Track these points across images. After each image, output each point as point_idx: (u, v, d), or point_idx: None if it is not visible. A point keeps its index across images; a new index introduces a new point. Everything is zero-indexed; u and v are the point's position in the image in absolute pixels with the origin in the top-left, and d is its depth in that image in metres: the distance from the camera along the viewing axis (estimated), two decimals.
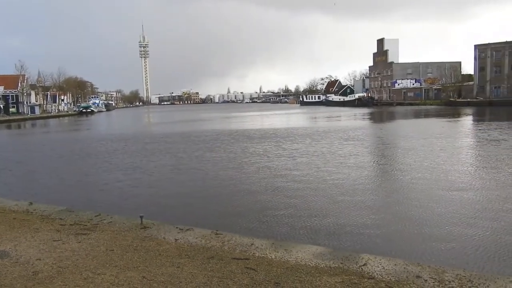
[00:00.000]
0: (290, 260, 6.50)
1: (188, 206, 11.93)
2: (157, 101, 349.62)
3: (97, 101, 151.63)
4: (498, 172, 15.02)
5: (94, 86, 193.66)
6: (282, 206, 11.37)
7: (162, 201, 12.66)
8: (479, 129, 32.83)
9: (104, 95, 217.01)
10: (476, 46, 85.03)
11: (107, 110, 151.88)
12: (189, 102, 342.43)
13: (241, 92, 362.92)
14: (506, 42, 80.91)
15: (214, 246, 7.30)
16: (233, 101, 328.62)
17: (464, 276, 5.75)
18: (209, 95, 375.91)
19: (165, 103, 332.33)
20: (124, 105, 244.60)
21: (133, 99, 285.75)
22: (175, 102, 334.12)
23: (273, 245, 7.33)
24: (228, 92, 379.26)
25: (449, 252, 7.85)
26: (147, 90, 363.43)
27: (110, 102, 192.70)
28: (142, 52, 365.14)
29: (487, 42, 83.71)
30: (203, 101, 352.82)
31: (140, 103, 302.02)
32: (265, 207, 11.36)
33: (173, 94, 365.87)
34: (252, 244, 7.40)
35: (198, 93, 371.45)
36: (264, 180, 15.12)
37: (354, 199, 11.86)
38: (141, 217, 8.82)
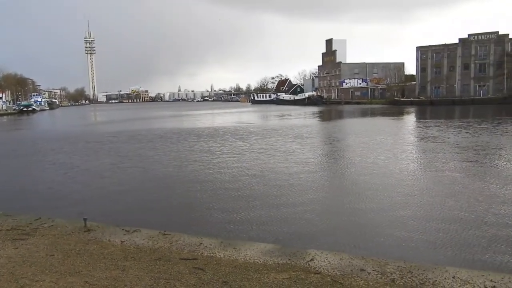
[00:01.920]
0: (239, 259, 6.50)
1: (128, 204, 11.69)
2: (104, 99, 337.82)
3: (39, 99, 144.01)
4: (435, 167, 15.85)
5: (36, 84, 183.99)
6: (216, 202, 11.48)
7: (101, 201, 12.30)
8: (420, 127, 34.50)
9: (47, 93, 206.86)
10: (418, 48, 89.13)
11: (50, 109, 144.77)
12: (138, 100, 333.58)
13: (192, 91, 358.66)
14: (445, 45, 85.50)
15: (162, 247, 7.17)
16: (184, 100, 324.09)
17: (405, 268, 6.00)
18: (159, 93, 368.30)
19: (113, 101, 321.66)
20: (69, 104, 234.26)
21: (78, 97, 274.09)
22: (124, 101, 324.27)
23: (222, 244, 7.30)
24: (179, 90, 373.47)
25: (388, 244, 8.17)
26: (93, 88, 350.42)
27: (53, 100, 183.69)
28: (88, 49, 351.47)
29: (428, 45, 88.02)
30: (153, 100, 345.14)
31: (86, 101, 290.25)
32: (198, 203, 11.45)
33: (122, 92, 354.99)
34: (201, 243, 7.34)
35: (147, 91, 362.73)
36: (202, 176, 15.30)
37: (295, 193, 12.10)
38: (85, 219, 8.49)
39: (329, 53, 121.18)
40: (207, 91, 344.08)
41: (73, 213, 10.45)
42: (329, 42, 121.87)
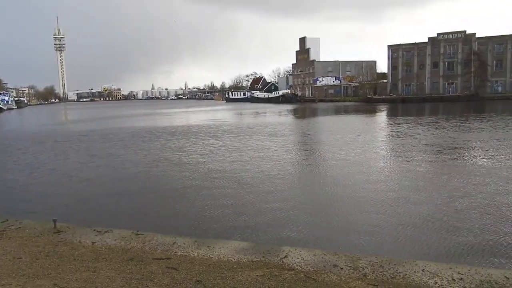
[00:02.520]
0: (213, 257, 6.48)
1: (97, 204, 11.50)
2: (75, 97, 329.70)
3: (6, 98, 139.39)
4: (403, 163, 16.22)
5: (2, 82, 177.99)
6: (185, 200, 11.45)
7: (68, 201, 12.02)
8: (391, 124, 35.18)
9: (14, 91, 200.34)
10: (389, 47, 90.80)
11: (18, 108, 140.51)
12: (110, 98, 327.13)
13: (166, 89, 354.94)
14: (415, 43, 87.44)
15: (134, 247, 7.06)
16: (157, 98, 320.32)
17: (376, 262, 6.11)
18: (132, 92, 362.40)
19: (84, 99, 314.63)
20: (38, 102, 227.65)
21: (48, 96, 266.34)
22: (95, 99, 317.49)
23: (196, 242, 7.25)
24: (152, 88, 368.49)
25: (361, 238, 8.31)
26: (63, 86, 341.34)
27: (21, 99, 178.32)
28: (58, 46, 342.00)
29: (399, 43, 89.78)
30: (126, 98, 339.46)
31: (56, 100, 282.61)
32: (166, 202, 11.41)
33: (93, 91, 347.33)
34: (174, 243, 7.27)
35: (120, 89, 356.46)
36: (172, 174, 15.28)
37: (267, 188, 12.16)
38: (54, 220, 8.28)
39: (303, 51, 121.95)
40: (181, 89, 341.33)
41: (40, 214, 10.21)
42: (302, 40, 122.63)
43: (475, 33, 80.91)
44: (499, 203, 10.27)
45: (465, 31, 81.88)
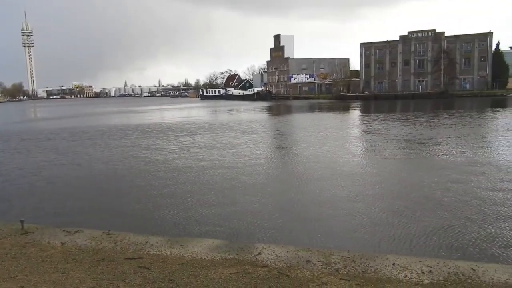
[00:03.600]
0: (186, 256, 6.43)
1: (61, 203, 11.28)
2: (45, 95, 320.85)
3: None
4: (372, 158, 16.51)
5: None
6: (149, 198, 11.36)
7: (32, 200, 11.74)
8: (364, 121, 35.74)
9: None
10: (362, 45, 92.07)
11: None
12: (82, 96, 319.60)
13: (139, 86, 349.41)
14: (387, 42, 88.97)
15: (106, 247, 6.94)
16: (130, 95, 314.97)
17: (348, 257, 6.20)
18: (104, 89, 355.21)
19: (54, 97, 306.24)
20: (6, 100, 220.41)
21: (16, 93, 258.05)
22: (66, 96, 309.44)
23: (169, 241, 7.18)
24: (125, 85, 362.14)
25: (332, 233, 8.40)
26: (32, 83, 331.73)
27: None
28: (26, 41, 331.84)
29: (371, 41, 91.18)
30: (98, 95, 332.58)
31: (25, 97, 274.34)
32: (130, 201, 11.29)
33: (64, 88, 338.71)
34: (147, 242, 7.18)
35: (92, 86, 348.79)
36: (138, 172, 15.20)
37: (236, 184, 12.17)
38: (22, 221, 8.04)
39: (277, 49, 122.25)
40: (155, 86, 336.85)
41: (5, 215, 9.88)
42: (277, 38, 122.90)
43: (444, 32, 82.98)
44: (452, 195, 10.58)
45: (434, 30, 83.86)
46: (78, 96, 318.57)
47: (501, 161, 15.13)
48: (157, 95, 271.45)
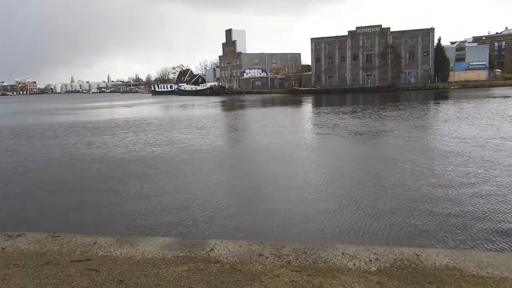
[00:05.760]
0: (136, 255, 6.28)
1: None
2: None
3: None
4: (323, 150, 16.95)
5: None
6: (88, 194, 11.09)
7: None
8: (316, 114, 36.47)
9: None
10: (312, 40, 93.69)
11: None
12: (25, 92, 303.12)
13: (87, 82, 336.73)
14: (336, 37, 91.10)
15: (51, 250, 6.64)
16: (78, 91, 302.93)
17: (300, 249, 6.30)
18: (49, 85, 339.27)
19: None
20: None
21: None
22: (7, 93, 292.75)
23: (118, 241, 6.98)
24: (72, 81, 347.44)
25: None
26: None
27: None
28: None
29: (321, 36, 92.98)
30: (42, 92, 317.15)
31: None
32: (64, 200, 10.96)
33: (4, 84, 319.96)
34: (95, 243, 6.94)
35: (35, 82, 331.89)
36: (74, 171, 14.94)
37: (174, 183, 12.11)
38: None
39: (229, 44, 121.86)
40: (104, 82, 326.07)
41: None
42: (229, 33, 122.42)
43: (389, 27, 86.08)
44: (384, 184, 11.08)
45: (381, 25, 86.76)
46: (21, 93, 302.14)
47: (440, 148, 15.98)
48: (107, 91, 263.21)
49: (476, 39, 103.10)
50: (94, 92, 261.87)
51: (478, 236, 7.61)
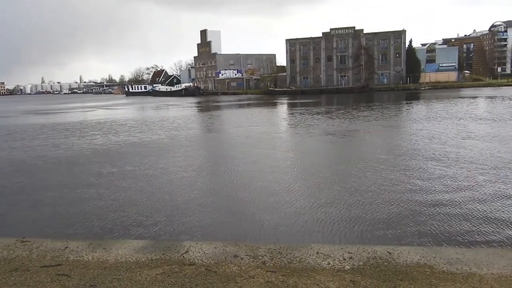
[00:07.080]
0: (109, 259, 6.16)
1: None
2: None
3: None
4: (297, 151, 17.10)
5: None
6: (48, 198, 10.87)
7: None
8: (291, 115, 36.74)
9: None
10: (287, 41, 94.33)
11: None
12: None
13: (59, 82, 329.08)
14: (311, 38, 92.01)
15: (19, 256, 6.44)
16: (49, 92, 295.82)
17: (275, 249, 6.32)
18: (18, 86, 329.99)
19: None
20: None
21: None
22: None
23: (91, 245, 6.84)
24: (43, 82, 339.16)
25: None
26: None
27: None
28: None
29: (296, 38, 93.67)
30: (11, 93, 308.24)
31: None
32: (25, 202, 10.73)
33: None
34: (66, 247, 6.78)
35: (4, 83, 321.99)
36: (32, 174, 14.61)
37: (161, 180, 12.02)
38: None
39: (204, 44, 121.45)
40: (76, 82, 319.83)
41: None
42: (204, 33, 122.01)
43: (363, 29, 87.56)
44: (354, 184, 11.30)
45: (354, 27, 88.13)
46: None
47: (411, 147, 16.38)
48: (79, 92, 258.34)
49: (446, 41, 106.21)
50: (65, 93, 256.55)
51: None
